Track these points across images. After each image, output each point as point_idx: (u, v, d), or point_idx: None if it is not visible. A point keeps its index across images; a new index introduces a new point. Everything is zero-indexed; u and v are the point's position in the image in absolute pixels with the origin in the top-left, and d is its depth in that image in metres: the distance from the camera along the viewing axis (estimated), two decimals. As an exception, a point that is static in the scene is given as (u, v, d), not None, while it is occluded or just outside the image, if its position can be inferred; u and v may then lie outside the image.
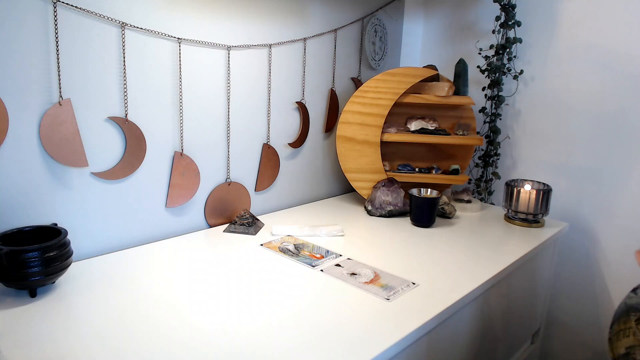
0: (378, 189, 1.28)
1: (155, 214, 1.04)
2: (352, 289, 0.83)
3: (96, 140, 0.91)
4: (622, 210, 1.29)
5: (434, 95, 1.32)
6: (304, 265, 0.93)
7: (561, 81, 1.37)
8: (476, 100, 1.40)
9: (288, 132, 1.30)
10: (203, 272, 0.88)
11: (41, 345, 0.63)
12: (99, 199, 0.94)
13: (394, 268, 0.93)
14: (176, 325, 0.70)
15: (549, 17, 1.37)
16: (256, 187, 1.24)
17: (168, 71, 1.00)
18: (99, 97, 0.90)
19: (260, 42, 1.16)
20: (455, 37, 1.59)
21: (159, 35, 0.97)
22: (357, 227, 1.18)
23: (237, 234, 1.09)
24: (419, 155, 1.44)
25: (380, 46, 1.54)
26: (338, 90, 1.41)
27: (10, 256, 0.71)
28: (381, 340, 0.67)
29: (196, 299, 0.78)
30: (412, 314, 0.75)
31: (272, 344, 0.66)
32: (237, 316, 0.73)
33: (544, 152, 1.42)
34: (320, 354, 0.64)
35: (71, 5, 0.83)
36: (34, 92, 0.82)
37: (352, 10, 1.40)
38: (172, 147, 1.04)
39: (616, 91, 1.27)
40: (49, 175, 0.86)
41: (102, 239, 0.95)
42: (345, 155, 1.33)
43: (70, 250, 0.78)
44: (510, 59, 1.39)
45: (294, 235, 1.09)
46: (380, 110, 1.30)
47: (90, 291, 0.79)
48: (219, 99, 1.11)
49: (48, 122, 0.83)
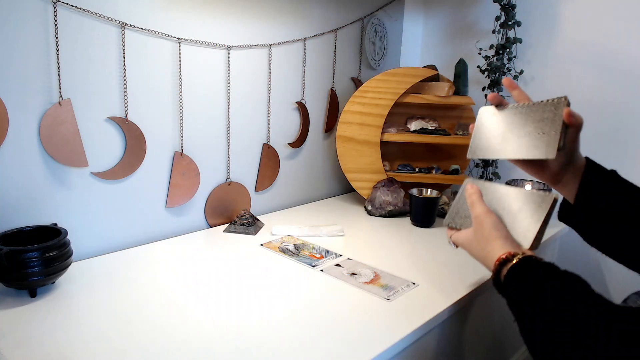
0: (378, 189, 1.28)
1: (155, 214, 1.03)
2: (352, 289, 0.83)
3: (96, 140, 0.91)
4: (622, 210, 1.29)
5: (434, 95, 1.31)
6: (304, 265, 0.93)
7: (561, 81, 1.37)
8: (476, 100, 1.40)
9: (288, 132, 1.30)
10: (203, 272, 0.88)
11: (41, 345, 0.63)
12: (99, 199, 0.94)
13: (394, 268, 0.93)
14: (176, 325, 0.70)
15: (549, 17, 1.37)
16: (256, 187, 1.24)
17: (168, 71, 1.00)
18: (99, 97, 0.90)
19: (260, 42, 1.16)
20: (455, 37, 1.59)
21: (159, 35, 0.97)
22: (357, 227, 1.18)
23: (237, 234, 1.09)
24: (419, 155, 1.44)
25: (380, 46, 1.54)
26: (338, 90, 1.41)
27: (10, 256, 0.71)
28: (381, 340, 0.67)
29: (196, 298, 0.78)
30: (412, 314, 0.75)
31: (272, 343, 0.66)
32: (237, 316, 0.73)
33: (544, 152, 1.42)
34: (320, 353, 0.64)
35: (71, 5, 0.83)
36: (34, 92, 0.82)
37: (352, 10, 1.40)
38: (172, 147, 1.04)
39: (616, 91, 1.27)
40: (49, 175, 0.86)
41: (102, 239, 0.95)
42: (345, 155, 1.33)
43: (70, 250, 0.78)
44: (510, 59, 1.39)
45: (294, 235, 1.09)
46: (380, 110, 1.30)
47: (91, 291, 0.79)
48: (219, 99, 1.11)
49: (48, 122, 0.83)
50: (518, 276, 0.64)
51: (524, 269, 0.64)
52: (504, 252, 0.67)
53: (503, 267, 0.66)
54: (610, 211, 0.70)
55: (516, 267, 0.64)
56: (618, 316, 0.52)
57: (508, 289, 0.65)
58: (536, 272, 0.62)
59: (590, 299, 0.56)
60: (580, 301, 0.56)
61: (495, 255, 0.68)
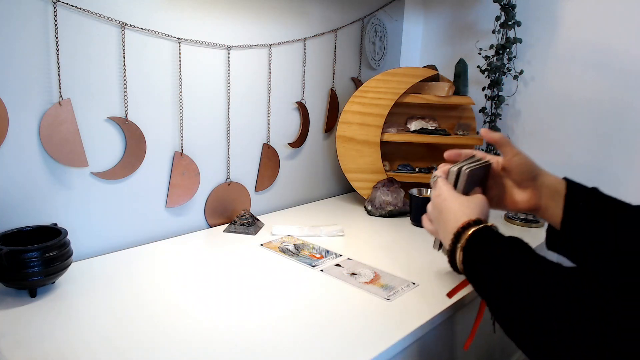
0: (378, 189, 1.28)
1: (155, 214, 1.04)
2: (352, 289, 0.83)
3: (96, 140, 0.91)
4: (622, 210, 1.29)
5: (434, 95, 1.31)
6: (304, 265, 0.93)
7: (561, 81, 1.37)
8: (476, 100, 1.40)
9: (288, 132, 1.30)
10: (203, 272, 0.88)
11: (41, 345, 0.63)
12: (99, 199, 0.94)
13: (394, 268, 0.93)
14: (176, 325, 0.70)
15: (549, 17, 1.37)
16: (256, 187, 1.24)
17: (168, 71, 1.00)
18: (99, 97, 0.90)
19: (260, 42, 1.16)
20: (455, 37, 1.59)
21: (159, 35, 0.97)
22: (357, 227, 1.18)
23: (237, 234, 1.09)
24: (419, 155, 1.44)
25: (380, 46, 1.54)
26: (338, 90, 1.41)
27: (10, 256, 0.71)
28: (381, 340, 0.67)
29: (196, 298, 0.78)
30: (412, 314, 0.75)
31: (271, 343, 0.66)
32: (237, 316, 0.73)
33: (544, 152, 1.42)
34: (320, 353, 0.64)
35: (71, 5, 0.83)
36: (34, 92, 0.82)
37: (352, 10, 1.40)
38: (172, 147, 1.04)
39: (616, 91, 1.27)
40: (49, 175, 0.86)
41: (102, 238, 0.95)
42: (345, 155, 1.33)
43: (70, 250, 0.78)
44: (510, 59, 1.39)
45: (294, 235, 1.09)
46: (380, 110, 1.30)
47: (91, 291, 0.79)
48: (219, 99, 1.11)
49: (48, 122, 0.83)
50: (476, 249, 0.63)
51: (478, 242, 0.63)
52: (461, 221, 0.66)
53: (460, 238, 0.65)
54: (599, 232, 0.68)
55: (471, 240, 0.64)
56: (566, 277, 0.52)
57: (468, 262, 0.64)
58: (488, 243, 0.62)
59: (539, 262, 0.56)
60: (532, 266, 0.56)
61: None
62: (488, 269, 0.60)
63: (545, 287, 0.53)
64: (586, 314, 0.48)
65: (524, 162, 0.75)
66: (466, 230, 0.65)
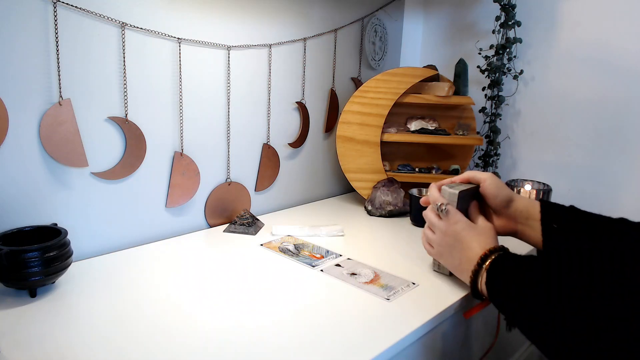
0: (378, 189, 1.28)
1: (155, 214, 1.04)
2: (352, 289, 0.83)
3: (96, 140, 0.91)
4: (622, 211, 1.29)
5: (434, 95, 1.31)
6: (304, 265, 0.93)
7: (561, 81, 1.37)
8: (476, 100, 1.40)
9: (288, 132, 1.30)
10: (203, 272, 0.88)
11: (41, 345, 0.63)
12: (99, 199, 0.94)
13: (394, 268, 0.93)
14: (176, 324, 0.70)
15: (549, 17, 1.37)
16: (256, 187, 1.24)
17: (168, 71, 1.00)
18: (99, 97, 0.90)
19: (260, 42, 1.16)
20: (455, 37, 1.59)
21: (159, 35, 0.97)
22: (357, 227, 1.18)
23: (237, 234, 1.09)
24: (419, 155, 1.44)
25: (380, 46, 1.54)
26: (338, 90, 1.41)
27: (10, 256, 0.71)
28: (381, 340, 0.67)
29: (196, 298, 0.78)
30: (412, 314, 0.75)
31: (271, 343, 0.66)
32: (237, 316, 0.73)
33: (544, 152, 1.42)
34: (320, 353, 0.64)
35: (71, 5, 0.83)
36: (34, 92, 0.82)
37: (352, 10, 1.40)
38: (172, 147, 1.04)
39: (617, 91, 1.27)
40: (49, 175, 0.86)
41: (102, 239, 0.95)
42: (345, 155, 1.33)
43: (70, 250, 0.78)
44: (510, 59, 1.39)
45: (294, 235, 1.09)
46: (380, 110, 1.30)
47: (91, 291, 0.79)
48: (219, 99, 1.11)
49: (48, 122, 0.83)
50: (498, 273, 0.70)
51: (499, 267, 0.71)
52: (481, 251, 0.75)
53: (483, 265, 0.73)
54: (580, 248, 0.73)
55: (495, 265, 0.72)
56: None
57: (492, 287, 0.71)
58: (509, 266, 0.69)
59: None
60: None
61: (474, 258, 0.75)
62: (513, 289, 0.67)
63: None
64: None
65: (495, 188, 0.82)
66: (488, 257, 0.73)
